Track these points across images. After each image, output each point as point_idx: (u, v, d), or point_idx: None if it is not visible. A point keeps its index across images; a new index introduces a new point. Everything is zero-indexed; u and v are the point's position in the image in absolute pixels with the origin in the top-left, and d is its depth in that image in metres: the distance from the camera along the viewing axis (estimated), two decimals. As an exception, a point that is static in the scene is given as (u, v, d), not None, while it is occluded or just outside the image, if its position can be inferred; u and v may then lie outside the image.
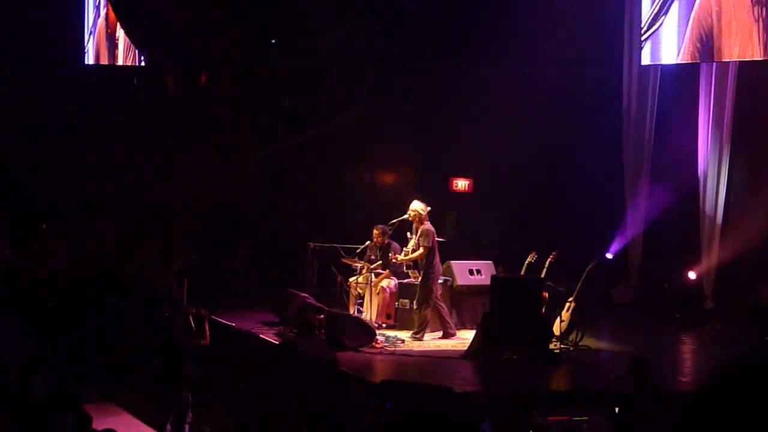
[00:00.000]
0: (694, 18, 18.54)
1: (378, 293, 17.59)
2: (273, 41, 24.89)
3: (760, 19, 17.56)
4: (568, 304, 16.56)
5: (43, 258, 21.02)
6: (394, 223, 17.69)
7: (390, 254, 17.78)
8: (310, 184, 23.68)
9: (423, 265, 17.11)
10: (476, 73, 22.47)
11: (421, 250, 17.05)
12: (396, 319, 17.88)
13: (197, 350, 13.56)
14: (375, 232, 17.84)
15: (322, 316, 16.06)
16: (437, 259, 17.16)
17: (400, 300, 17.89)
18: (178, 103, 25.48)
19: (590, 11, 20.69)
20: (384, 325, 17.56)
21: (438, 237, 17.39)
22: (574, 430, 11.76)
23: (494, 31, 22.09)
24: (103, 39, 28.11)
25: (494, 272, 18.19)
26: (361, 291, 17.78)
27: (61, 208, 22.89)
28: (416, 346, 16.54)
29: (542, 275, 16.68)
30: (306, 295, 17.55)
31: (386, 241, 17.90)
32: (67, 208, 22.75)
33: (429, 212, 17.26)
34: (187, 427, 13.36)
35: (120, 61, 27.44)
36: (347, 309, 17.61)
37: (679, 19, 18.92)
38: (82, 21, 28.84)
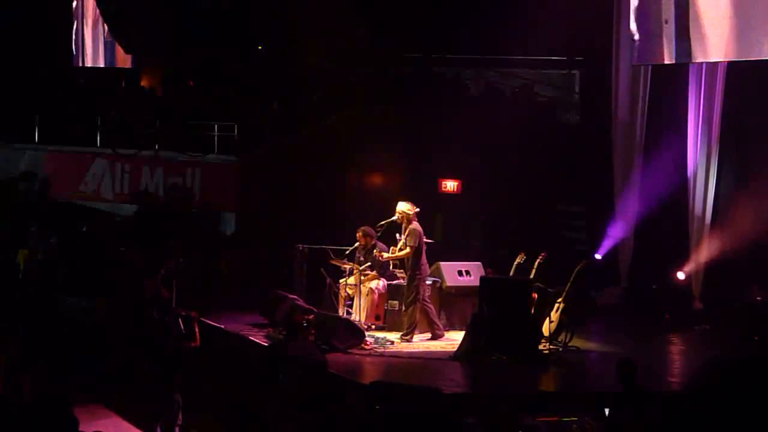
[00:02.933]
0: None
1: (367, 295, 17.58)
2: (260, 47, 24.93)
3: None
4: (557, 305, 16.56)
5: (31, 260, 21.01)
6: (382, 224, 17.65)
7: (375, 251, 17.75)
8: (299, 186, 23.65)
9: (409, 265, 17.09)
10: (465, 75, 22.50)
11: (407, 249, 17.03)
12: (385, 320, 17.88)
13: (187, 352, 13.56)
14: (357, 234, 17.84)
15: (311, 317, 16.06)
16: (424, 259, 17.12)
17: (389, 301, 17.87)
18: (165, 105, 25.48)
19: (580, 12, 20.72)
20: (373, 327, 17.56)
21: (427, 238, 17.38)
22: (563, 431, 11.79)
23: (482, 33, 22.14)
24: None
25: (483, 273, 18.19)
26: (350, 292, 17.77)
27: (50, 210, 22.85)
28: (405, 347, 16.53)
29: (531, 276, 16.68)
30: (295, 296, 17.55)
31: (372, 242, 17.88)
32: (56, 211, 22.71)
33: (417, 213, 17.22)
34: (177, 429, 13.36)
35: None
36: (336, 310, 17.60)
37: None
38: (72, 22, 28.80)
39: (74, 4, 28.41)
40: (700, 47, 18.09)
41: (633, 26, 18.89)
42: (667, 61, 18.68)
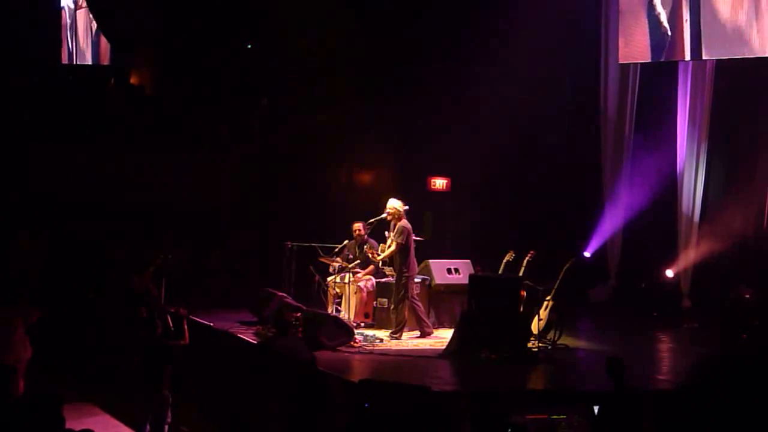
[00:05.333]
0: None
1: (355, 292, 17.59)
2: (249, 46, 24.92)
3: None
4: (546, 303, 16.58)
5: (19, 256, 20.96)
6: (372, 222, 17.69)
7: (366, 247, 17.76)
8: (288, 183, 23.66)
9: (398, 263, 17.09)
10: (455, 73, 22.50)
11: (393, 246, 17.02)
12: (374, 318, 17.89)
13: (177, 350, 13.56)
14: (356, 225, 17.85)
15: (299, 315, 16.06)
16: (413, 257, 17.12)
17: (378, 299, 17.89)
18: (155, 103, 25.44)
19: (568, 11, 20.74)
20: (362, 324, 17.56)
21: (416, 236, 17.38)
22: (552, 429, 11.79)
23: (473, 32, 22.16)
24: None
25: (472, 271, 18.21)
26: (339, 290, 17.78)
27: (38, 208, 22.79)
28: (394, 345, 16.52)
29: (520, 274, 16.69)
30: (284, 294, 17.53)
31: (365, 238, 17.93)
32: (44, 209, 22.65)
33: (407, 211, 17.23)
34: (166, 427, 13.36)
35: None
36: (325, 308, 17.60)
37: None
38: (59, 19, 28.81)
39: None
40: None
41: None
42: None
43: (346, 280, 17.49)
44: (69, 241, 21.59)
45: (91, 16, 27.75)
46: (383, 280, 17.92)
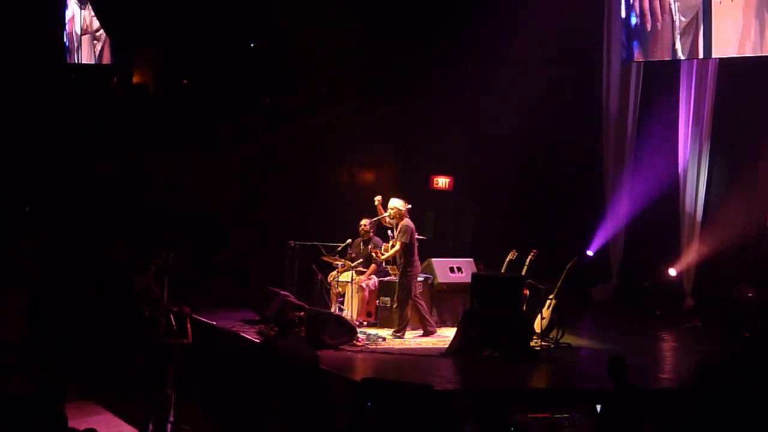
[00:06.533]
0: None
1: (357, 291, 17.57)
2: (252, 45, 24.90)
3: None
4: (548, 302, 16.55)
5: (19, 256, 20.95)
6: (374, 220, 17.68)
7: (370, 246, 17.77)
8: (291, 182, 23.63)
9: (401, 262, 17.06)
10: (455, 73, 22.47)
11: (397, 245, 16.99)
12: (377, 317, 17.86)
13: (179, 349, 13.55)
14: (363, 221, 17.86)
15: (302, 313, 16.04)
16: (416, 256, 17.08)
17: (381, 298, 17.86)
18: (157, 102, 25.42)
19: (570, 8, 20.71)
20: (365, 323, 17.54)
21: (419, 235, 17.36)
22: (555, 428, 11.77)
23: (474, 31, 22.13)
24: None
25: (475, 270, 18.20)
26: (341, 289, 17.76)
27: (39, 207, 22.79)
28: (397, 344, 16.50)
29: (523, 273, 16.67)
30: (286, 293, 17.52)
31: (371, 235, 17.94)
32: (46, 207, 22.65)
33: (409, 210, 17.21)
34: (169, 425, 13.35)
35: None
36: (328, 307, 17.57)
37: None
38: (63, 18, 28.84)
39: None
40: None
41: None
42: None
43: (349, 279, 17.47)
44: (69, 241, 21.55)
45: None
46: (386, 279, 17.89)
